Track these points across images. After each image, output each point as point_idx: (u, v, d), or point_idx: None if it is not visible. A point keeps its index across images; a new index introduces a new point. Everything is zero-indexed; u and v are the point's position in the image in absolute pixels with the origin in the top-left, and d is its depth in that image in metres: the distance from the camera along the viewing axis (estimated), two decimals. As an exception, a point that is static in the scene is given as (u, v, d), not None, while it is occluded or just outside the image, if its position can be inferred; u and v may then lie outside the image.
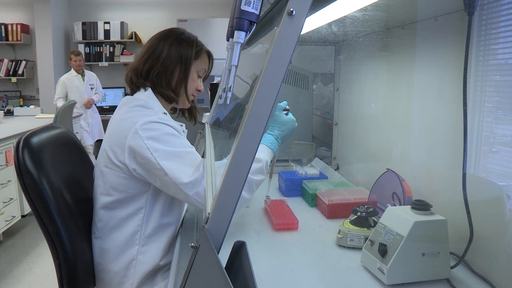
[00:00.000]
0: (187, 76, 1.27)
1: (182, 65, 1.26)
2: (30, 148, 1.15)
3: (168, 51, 1.25)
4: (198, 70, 1.31)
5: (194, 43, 1.29)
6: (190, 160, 1.12)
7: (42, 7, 5.22)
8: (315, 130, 2.20)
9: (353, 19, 1.34)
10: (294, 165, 1.81)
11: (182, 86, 1.28)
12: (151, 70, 1.25)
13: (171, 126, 1.17)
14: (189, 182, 1.08)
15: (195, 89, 1.32)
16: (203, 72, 1.34)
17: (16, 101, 5.43)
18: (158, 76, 1.25)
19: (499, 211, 0.92)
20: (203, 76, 1.35)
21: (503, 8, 0.92)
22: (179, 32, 1.30)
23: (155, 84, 1.26)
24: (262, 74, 0.58)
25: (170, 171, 1.09)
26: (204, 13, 5.73)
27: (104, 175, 1.21)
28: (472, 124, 0.98)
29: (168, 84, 1.26)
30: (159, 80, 1.25)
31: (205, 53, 1.33)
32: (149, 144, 1.10)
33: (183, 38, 1.28)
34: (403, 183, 1.17)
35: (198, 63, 1.30)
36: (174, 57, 1.25)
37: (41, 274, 2.73)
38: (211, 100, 3.36)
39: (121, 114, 1.21)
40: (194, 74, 1.30)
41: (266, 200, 1.43)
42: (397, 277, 0.91)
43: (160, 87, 1.26)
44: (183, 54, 1.26)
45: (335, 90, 1.97)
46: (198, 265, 0.65)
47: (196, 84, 1.31)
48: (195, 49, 1.28)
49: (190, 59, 1.27)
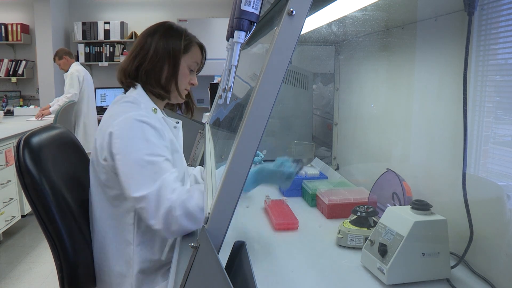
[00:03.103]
0: (177, 71, 1.24)
1: (170, 61, 1.23)
2: (30, 148, 1.15)
3: (155, 47, 1.22)
4: (189, 64, 1.27)
5: (183, 37, 1.25)
6: (149, 172, 1.07)
7: (42, 7, 5.22)
8: (315, 130, 2.20)
9: (353, 19, 1.33)
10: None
11: (172, 82, 1.24)
12: (140, 68, 1.22)
13: (151, 125, 1.13)
14: (138, 197, 1.05)
15: (187, 84, 1.29)
16: (195, 66, 1.30)
17: (16, 101, 5.43)
18: (147, 74, 1.23)
19: (499, 211, 0.92)
20: (195, 70, 1.31)
21: (503, 8, 0.92)
22: (167, 27, 1.26)
23: (145, 83, 1.24)
24: (262, 74, 0.58)
25: (125, 178, 1.07)
26: (204, 13, 5.73)
27: (96, 172, 1.20)
28: (472, 124, 0.98)
29: (157, 82, 1.23)
30: (148, 78, 1.23)
31: (196, 45, 1.29)
32: (117, 144, 1.09)
33: (171, 32, 1.25)
34: (403, 183, 1.17)
35: (188, 57, 1.26)
36: (162, 53, 1.22)
37: (41, 274, 2.73)
38: (211, 100, 3.36)
39: (108, 111, 1.21)
40: (185, 69, 1.26)
41: (266, 200, 1.43)
42: (397, 277, 0.91)
43: (149, 85, 1.24)
44: (171, 49, 1.22)
45: (335, 90, 1.97)
46: (198, 265, 0.65)
47: (188, 78, 1.28)
48: (183, 42, 1.24)
49: (178, 53, 1.23)
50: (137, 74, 1.23)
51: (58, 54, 4.39)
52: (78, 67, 4.43)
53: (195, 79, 1.30)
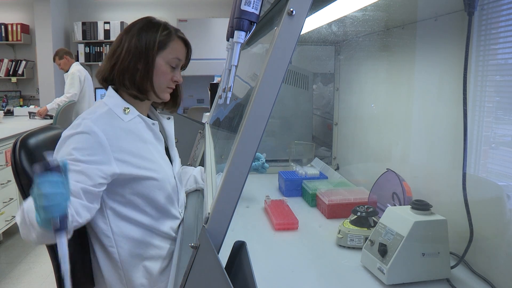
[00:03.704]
0: (151, 70, 1.14)
1: (143, 60, 1.13)
2: (26, 149, 1.15)
3: (128, 46, 1.13)
4: (168, 60, 1.16)
5: (159, 32, 1.15)
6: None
7: (42, 7, 5.22)
8: (315, 130, 2.20)
9: (353, 19, 1.34)
10: (294, 165, 1.81)
11: (147, 82, 1.15)
12: (114, 69, 1.15)
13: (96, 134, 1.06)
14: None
15: (169, 82, 1.19)
16: (177, 62, 1.19)
17: (16, 101, 5.43)
18: (121, 74, 1.15)
19: (499, 211, 0.92)
20: (179, 66, 1.21)
21: (503, 8, 0.92)
22: (143, 22, 1.18)
23: (120, 84, 1.16)
24: (262, 74, 0.58)
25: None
26: (204, 13, 5.73)
27: None
28: (472, 124, 0.98)
29: (132, 82, 1.14)
30: (122, 78, 1.15)
31: (178, 39, 1.19)
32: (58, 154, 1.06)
33: (145, 28, 1.16)
34: (403, 183, 1.17)
35: (166, 53, 1.16)
36: (134, 51, 1.13)
37: (41, 274, 2.73)
38: (211, 100, 3.36)
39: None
40: (163, 66, 1.16)
41: (266, 200, 1.43)
42: (397, 277, 0.91)
43: (124, 86, 1.15)
44: (143, 46, 1.13)
45: (335, 90, 1.97)
46: (198, 265, 0.65)
47: (168, 76, 1.18)
48: (159, 38, 1.15)
49: (151, 51, 1.13)
50: (112, 75, 1.16)
51: (58, 54, 4.39)
52: (79, 67, 4.43)
53: (178, 76, 1.20)
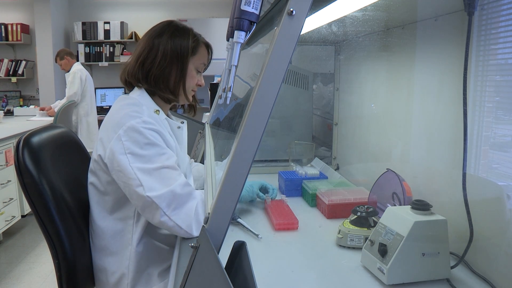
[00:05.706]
0: (185, 75, 1.23)
1: (178, 64, 1.21)
2: (30, 148, 1.15)
3: (163, 52, 1.19)
4: (196, 66, 1.25)
5: (190, 38, 1.22)
6: (162, 177, 1.08)
7: (42, 7, 5.22)
8: (315, 130, 2.20)
9: (353, 19, 1.33)
10: (294, 165, 1.81)
11: (180, 85, 1.23)
12: (149, 74, 1.20)
13: (155, 130, 1.13)
14: (157, 196, 1.05)
15: (195, 86, 1.27)
16: (202, 67, 1.28)
17: (16, 101, 5.43)
18: (156, 79, 1.21)
19: (499, 211, 0.92)
20: (202, 71, 1.30)
21: (503, 8, 0.92)
22: (173, 28, 1.23)
23: (154, 87, 1.22)
24: (262, 74, 0.58)
25: (146, 183, 1.06)
26: (204, 13, 5.74)
27: (96, 174, 1.20)
28: (472, 124, 0.97)
29: (166, 86, 1.22)
30: (157, 83, 1.21)
31: (203, 45, 1.27)
32: (128, 150, 1.08)
33: (177, 33, 1.22)
34: (403, 183, 1.17)
35: (196, 59, 1.25)
36: (170, 58, 1.20)
37: (41, 274, 2.73)
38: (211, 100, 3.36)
39: (111, 112, 1.20)
40: (193, 71, 1.25)
41: (266, 200, 1.43)
42: (397, 277, 0.91)
43: (159, 90, 1.22)
44: (179, 53, 1.20)
45: (335, 90, 1.97)
46: (198, 265, 0.65)
47: (195, 80, 1.26)
48: (191, 44, 1.22)
49: (186, 57, 1.21)
50: (147, 80, 1.22)
51: (59, 54, 4.40)
52: (80, 66, 4.45)
53: (202, 80, 1.28)
